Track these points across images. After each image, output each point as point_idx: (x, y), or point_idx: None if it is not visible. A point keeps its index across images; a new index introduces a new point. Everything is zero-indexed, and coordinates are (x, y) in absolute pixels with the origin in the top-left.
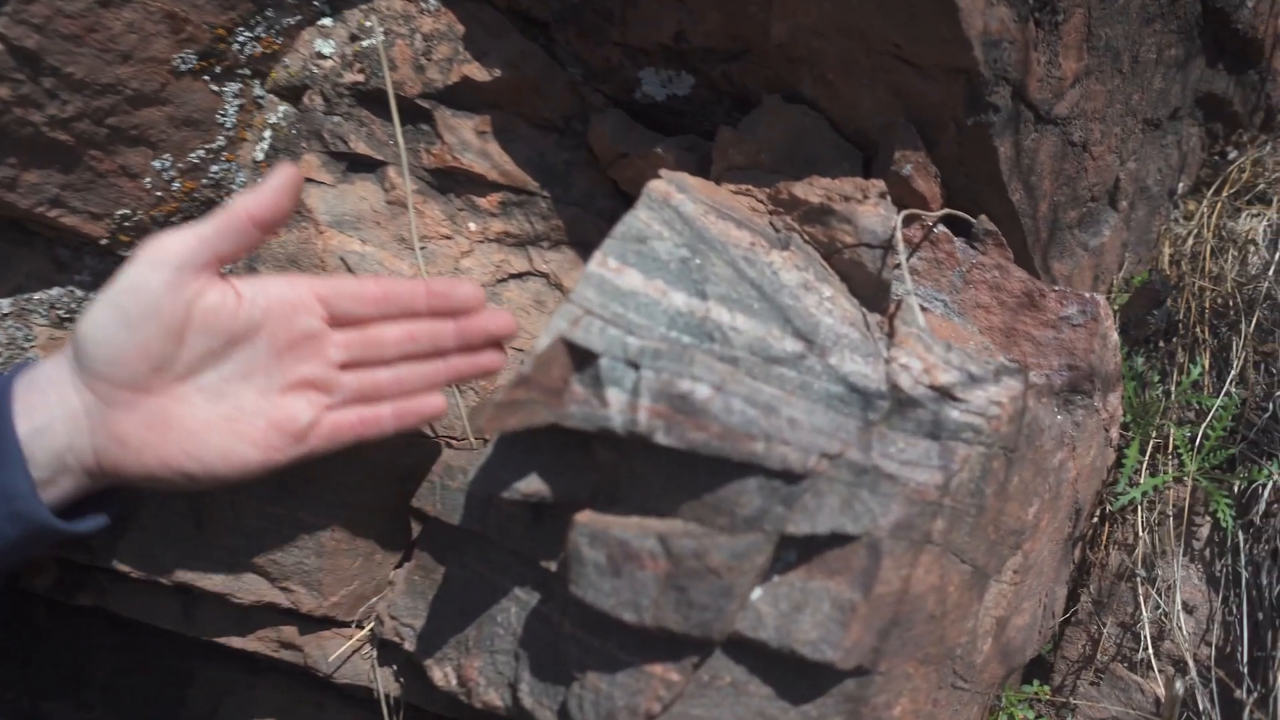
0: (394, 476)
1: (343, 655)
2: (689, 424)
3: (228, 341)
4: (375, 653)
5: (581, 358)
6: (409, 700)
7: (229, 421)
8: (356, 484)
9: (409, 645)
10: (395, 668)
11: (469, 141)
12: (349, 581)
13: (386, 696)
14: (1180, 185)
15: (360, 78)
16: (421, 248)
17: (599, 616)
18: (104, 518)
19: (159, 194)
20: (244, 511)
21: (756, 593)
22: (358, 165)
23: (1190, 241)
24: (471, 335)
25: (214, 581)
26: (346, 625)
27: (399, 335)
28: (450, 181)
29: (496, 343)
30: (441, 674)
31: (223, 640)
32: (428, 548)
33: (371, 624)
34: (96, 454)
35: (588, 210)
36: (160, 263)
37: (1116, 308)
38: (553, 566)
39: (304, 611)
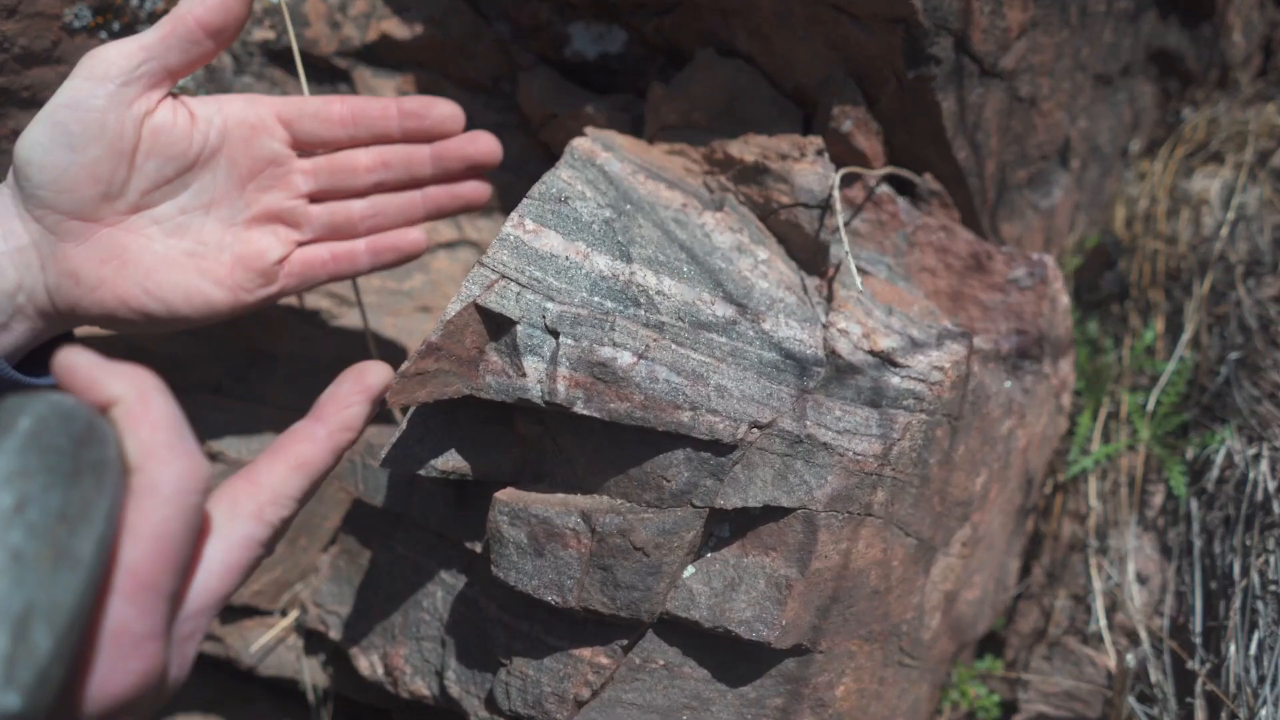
0: None
1: (266, 646)
2: (610, 393)
3: (183, 167)
4: (301, 642)
5: (497, 325)
6: (338, 691)
7: (191, 257)
8: None
9: (335, 634)
10: (323, 657)
11: None
12: (271, 568)
13: (314, 688)
14: (1134, 144)
15: (270, 35)
16: None
17: (523, 599)
18: None
19: None
20: None
21: (689, 571)
22: None
23: (1144, 202)
24: (449, 160)
25: None
26: (269, 614)
27: (370, 161)
28: None
29: (478, 171)
30: (368, 663)
31: None
32: (353, 531)
33: (296, 612)
34: (50, 293)
35: (520, 176)
36: (102, 76)
37: (1069, 271)
38: (478, 548)
39: None
